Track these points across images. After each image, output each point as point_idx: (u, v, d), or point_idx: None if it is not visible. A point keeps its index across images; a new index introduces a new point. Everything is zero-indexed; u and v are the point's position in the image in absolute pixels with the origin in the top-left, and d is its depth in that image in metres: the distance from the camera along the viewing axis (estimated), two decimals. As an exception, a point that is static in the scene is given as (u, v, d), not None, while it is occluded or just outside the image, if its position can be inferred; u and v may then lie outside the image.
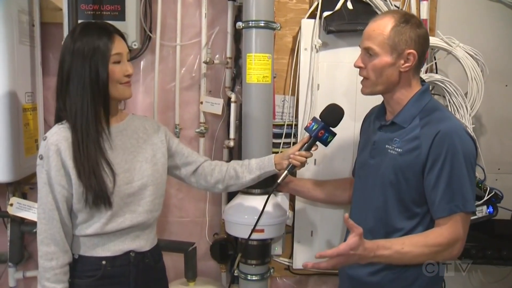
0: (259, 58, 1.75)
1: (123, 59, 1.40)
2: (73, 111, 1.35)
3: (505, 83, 2.28)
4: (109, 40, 1.36)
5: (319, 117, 1.60)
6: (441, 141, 1.37)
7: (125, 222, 1.41)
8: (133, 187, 1.42)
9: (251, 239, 1.73)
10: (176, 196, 2.21)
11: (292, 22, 2.09)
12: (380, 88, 1.48)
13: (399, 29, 1.42)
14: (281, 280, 2.27)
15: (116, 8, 1.93)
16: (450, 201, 1.38)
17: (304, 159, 1.58)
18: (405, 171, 1.43)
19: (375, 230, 1.51)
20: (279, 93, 2.10)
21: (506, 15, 2.24)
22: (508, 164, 2.31)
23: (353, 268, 1.56)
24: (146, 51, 2.10)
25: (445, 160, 1.37)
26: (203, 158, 1.67)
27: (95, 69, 1.33)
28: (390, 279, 1.48)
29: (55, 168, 1.33)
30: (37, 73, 1.95)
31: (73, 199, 1.35)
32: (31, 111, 1.90)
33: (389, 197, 1.47)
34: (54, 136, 1.35)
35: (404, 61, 1.43)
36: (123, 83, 1.40)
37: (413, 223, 1.45)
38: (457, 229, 1.39)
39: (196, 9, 2.14)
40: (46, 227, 1.35)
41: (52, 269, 1.35)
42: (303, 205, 2.10)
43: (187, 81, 2.17)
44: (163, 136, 1.56)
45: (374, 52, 1.44)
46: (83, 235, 1.40)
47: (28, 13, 1.88)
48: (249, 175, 1.62)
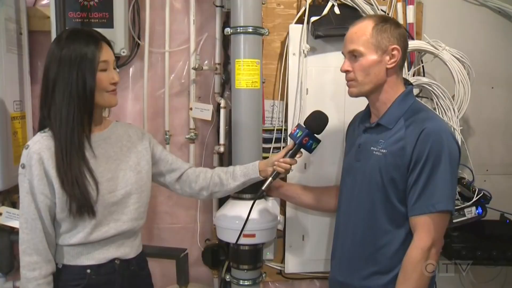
0: (248, 64, 1.77)
1: (109, 67, 1.39)
2: (57, 119, 1.33)
3: (491, 85, 2.32)
4: (96, 47, 1.35)
5: (304, 124, 1.61)
6: (426, 139, 1.39)
7: (110, 231, 1.41)
8: (116, 196, 1.41)
9: (242, 244, 1.74)
10: (167, 203, 2.22)
11: (280, 27, 2.11)
12: (367, 88, 1.49)
13: (379, 28, 1.46)
14: (273, 284, 2.27)
15: (104, 16, 1.94)
16: (426, 200, 1.40)
17: (288, 166, 1.59)
18: (391, 171, 1.45)
19: (363, 234, 1.52)
20: (268, 98, 2.11)
21: (491, 18, 2.28)
22: (496, 165, 2.34)
23: (344, 275, 1.58)
24: (135, 58, 2.12)
25: (428, 158, 1.39)
26: (187, 165, 1.68)
27: (83, 77, 1.32)
28: (383, 283, 1.49)
29: (38, 177, 1.32)
30: (25, 81, 1.95)
31: (57, 208, 1.34)
32: (19, 119, 1.90)
33: (376, 198, 1.48)
34: (37, 144, 1.34)
35: (389, 57, 1.46)
36: (109, 91, 1.39)
37: (399, 222, 1.47)
38: (429, 232, 1.40)
39: (184, 15, 2.15)
40: (28, 237, 1.34)
41: (35, 279, 1.33)
42: (294, 210, 2.11)
43: (176, 88, 2.19)
44: (147, 143, 1.56)
45: (359, 53, 1.46)
46: (67, 245, 1.39)
47: (16, 21, 1.88)
48: (234, 182, 1.63)
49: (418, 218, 1.41)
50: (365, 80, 1.48)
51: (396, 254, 1.47)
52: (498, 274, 2.33)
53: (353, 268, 1.56)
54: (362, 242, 1.52)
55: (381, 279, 1.49)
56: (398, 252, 1.46)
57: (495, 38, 2.29)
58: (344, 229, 1.62)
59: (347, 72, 1.51)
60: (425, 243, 1.39)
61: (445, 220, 1.44)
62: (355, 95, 1.53)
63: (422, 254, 1.39)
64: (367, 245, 1.52)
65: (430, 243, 1.40)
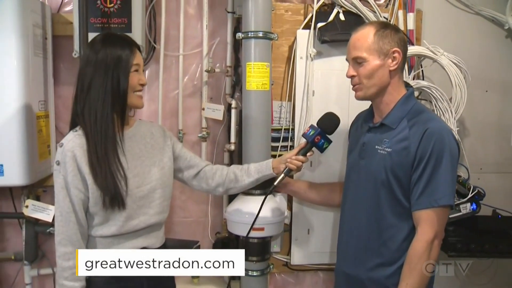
0: (258, 67, 1.82)
1: (140, 69, 1.46)
2: (92, 115, 1.39)
3: (485, 89, 2.38)
4: (130, 51, 1.43)
5: (316, 124, 1.67)
6: (429, 138, 1.45)
7: (140, 224, 1.47)
8: (143, 191, 1.47)
9: (252, 237, 1.79)
10: (180, 197, 2.28)
11: (288, 32, 2.17)
12: (373, 91, 1.54)
13: (380, 33, 1.51)
14: (280, 276, 2.35)
15: (123, 21, 2.00)
16: (429, 195, 1.44)
17: (300, 163, 1.65)
18: (395, 170, 1.50)
19: (369, 228, 1.57)
20: (276, 99, 2.17)
21: (485, 26, 2.34)
22: (489, 164, 2.40)
23: (351, 266, 1.62)
24: (150, 60, 2.18)
25: (431, 156, 1.44)
26: (204, 162, 1.73)
27: (117, 78, 1.40)
28: (388, 275, 1.53)
29: (72, 173, 1.37)
30: (49, 82, 2.03)
31: (90, 202, 1.40)
32: (44, 118, 1.98)
33: (382, 194, 1.53)
34: (70, 143, 1.39)
35: (391, 60, 1.52)
36: (137, 91, 1.46)
37: (403, 217, 1.51)
38: (432, 225, 1.45)
39: (197, 21, 2.22)
40: (63, 229, 1.39)
41: (70, 268, 1.38)
42: (300, 205, 2.17)
43: (189, 89, 2.24)
44: (169, 141, 1.61)
45: (362, 59, 1.51)
46: (100, 236, 1.44)
47: (42, 27, 1.96)
48: (248, 179, 1.68)
49: (421, 212, 1.46)
50: (369, 84, 1.52)
51: (400, 247, 1.51)
52: (490, 265, 2.40)
53: (359, 261, 1.60)
54: (368, 235, 1.56)
55: (386, 270, 1.53)
56: (402, 245, 1.51)
57: (489, 45, 2.35)
58: (349, 223, 1.66)
59: (352, 77, 1.56)
60: (429, 235, 1.44)
61: (446, 214, 1.49)
62: (361, 99, 1.58)
63: (426, 246, 1.44)
64: (372, 238, 1.56)
65: (433, 235, 1.44)
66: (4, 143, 1.80)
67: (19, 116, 1.81)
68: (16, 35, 1.78)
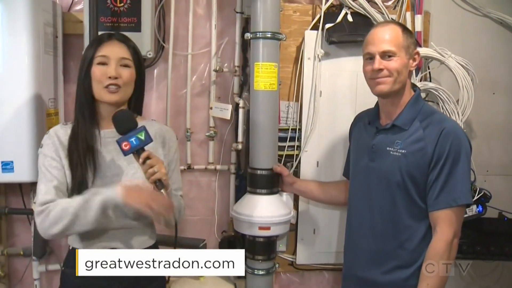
0: (266, 67, 1.83)
1: (110, 62, 1.39)
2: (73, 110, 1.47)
3: (493, 91, 2.38)
4: (99, 43, 1.42)
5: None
6: (446, 138, 1.46)
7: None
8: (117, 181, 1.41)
9: (258, 236, 1.81)
10: (187, 196, 2.26)
11: (296, 33, 2.18)
12: (397, 87, 1.53)
13: (406, 33, 1.54)
14: (285, 275, 2.35)
15: (133, 20, 2.01)
16: (448, 195, 1.45)
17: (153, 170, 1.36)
18: (411, 171, 1.49)
19: (384, 230, 1.56)
20: (283, 99, 2.18)
21: (493, 28, 2.34)
22: (495, 166, 2.40)
23: (364, 270, 1.61)
24: (159, 59, 2.19)
25: (449, 155, 1.45)
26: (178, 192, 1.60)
27: (81, 72, 1.43)
28: (406, 277, 1.53)
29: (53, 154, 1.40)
30: (59, 80, 2.05)
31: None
32: (53, 115, 2.00)
33: (397, 195, 1.52)
34: (54, 130, 1.46)
35: (412, 60, 1.54)
36: (108, 85, 1.38)
37: (420, 217, 1.51)
38: (450, 224, 1.45)
39: (206, 21, 2.23)
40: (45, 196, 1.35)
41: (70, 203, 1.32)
42: (306, 204, 2.19)
43: (197, 88, 2.25)
44: (167, 151, 1.53)
45: (393, 53, 1.51)
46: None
47: (53, 25, 1.98)
48: None
49: (440, 212, 1.46)
50: (399, 79, 1.52)
51: (417, 248, 1.52)
52: (495, 268, 2.40)
53: (374, 264, 1.59)
54: (384, 238, 1.56)
55: (404, 273, 1.53)
56: (419, 246, 1.51)
57: (496, 47, 2.35)
58: (360, 226, 1.65)
59: (380, 70, 1.52)
60: (448, 235, 1.45)
61: (463, 212, 1.50)
62: (386, 92, 1.53)
63: (446, 246, 1.45)
64: (388, 240, 1.55)
65: (453, 235, 1.45)
66: (14, 140, 1.82)
67: (30, 114, 1.83)
68: (28, 33, 1.80)
